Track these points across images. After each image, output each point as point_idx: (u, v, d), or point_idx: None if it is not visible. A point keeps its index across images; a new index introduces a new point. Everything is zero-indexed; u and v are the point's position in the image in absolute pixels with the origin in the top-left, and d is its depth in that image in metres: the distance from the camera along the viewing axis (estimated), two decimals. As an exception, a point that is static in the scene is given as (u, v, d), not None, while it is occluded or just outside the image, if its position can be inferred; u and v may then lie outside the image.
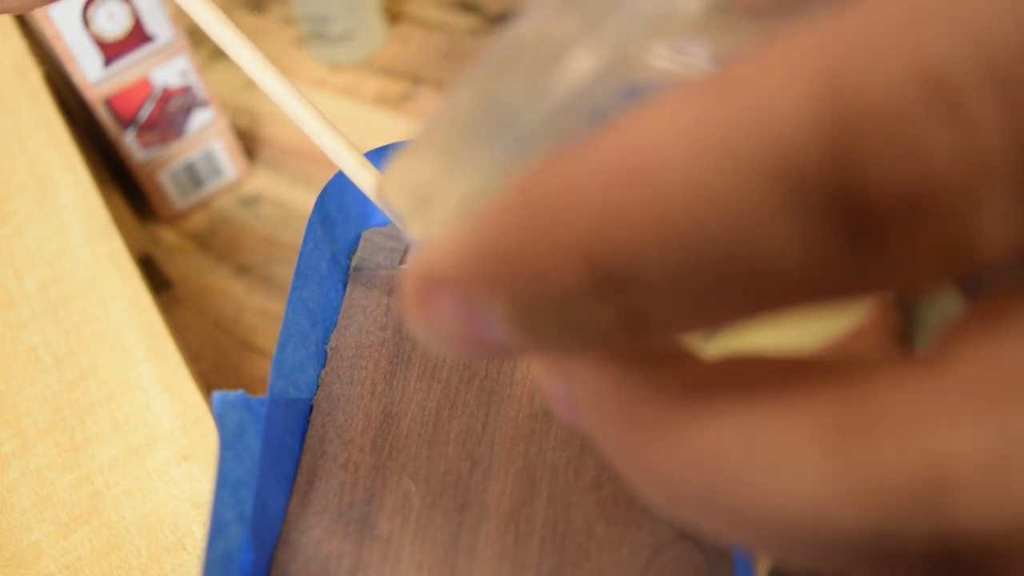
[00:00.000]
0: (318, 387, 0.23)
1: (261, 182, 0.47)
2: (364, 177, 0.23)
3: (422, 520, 0.20)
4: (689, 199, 0.07)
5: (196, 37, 0.58)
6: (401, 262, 0.26)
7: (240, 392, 0.20)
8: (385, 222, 0.27)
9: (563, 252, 0.08)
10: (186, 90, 0.42)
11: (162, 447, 0.27)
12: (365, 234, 0.27)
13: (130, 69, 0.40)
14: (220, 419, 0.19)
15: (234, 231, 0.45)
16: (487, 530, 0.19)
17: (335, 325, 0.24)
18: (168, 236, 0.45)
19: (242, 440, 0.20)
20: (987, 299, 0.08)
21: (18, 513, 0.27)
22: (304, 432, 0.22)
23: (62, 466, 0.27)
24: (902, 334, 0.16)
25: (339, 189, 0.26)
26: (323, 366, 0.23)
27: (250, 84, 0.54)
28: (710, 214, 0.07)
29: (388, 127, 0.49)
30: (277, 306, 0.40)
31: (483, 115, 0.11)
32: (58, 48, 0.38)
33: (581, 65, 0.10)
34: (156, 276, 0.42)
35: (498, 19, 0.55)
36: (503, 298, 0.09)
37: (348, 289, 0.25)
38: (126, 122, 0.42)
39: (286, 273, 0.42)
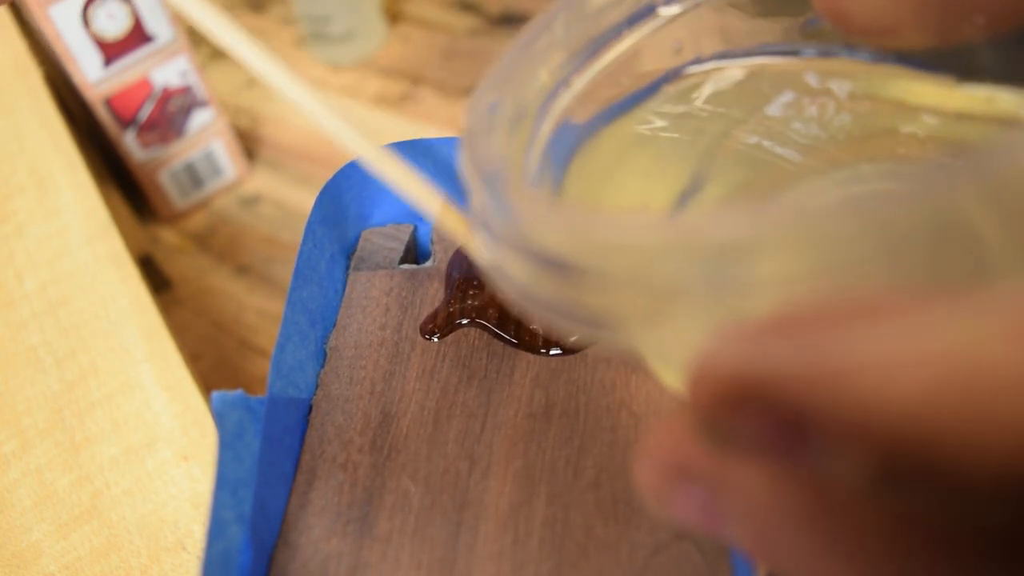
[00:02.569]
0: (317, 387, 0.23)
1: (261, 182, 0.47)
2: (385, 166, 0.22)
3: (421, 520, 0.20)
4: None
5: (196, 37, 0.58)
6: (401, 262, 0.26)
7: (239, 392, 0.20)
8: (384, 222, 0.27)
9: (1008, 444, 0.07)
10: (186, 90, 0.42)
11: (162, 447, 0.27)
12: (364, 234, 0.27)
13: (130, 69, 0.40)
14: (219, 419, 0.19)
15: (234, 231, 0.45)
16: (486, 530, 0.19)
17: (334, 325, 0.24)
18: (168, 236, 0.45)
19: (241, 440, 0.20)
20: None
21: (18, 513, 0.27)
22: (303, 432, 0.22)
23: (62, 466, 0.27)
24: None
25: (338, 189, 0.26)
26: (322, 366, 0.23)
27: (250, 84, 0.54)
28: None
29: (388, 127, 0.49)
30: (277, 306, 0.40)
31: None
32: (58, 48, 0.38)
33: None
34: (156, 276, 0.42)
35: (498, 19, 0.55)
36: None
37: (347, 289, 0.25)
38: (126, 122, 0.42)
39: (286, 273, 0.42)
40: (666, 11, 0.17)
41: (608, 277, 0.11)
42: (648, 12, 0.17)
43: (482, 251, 0.14)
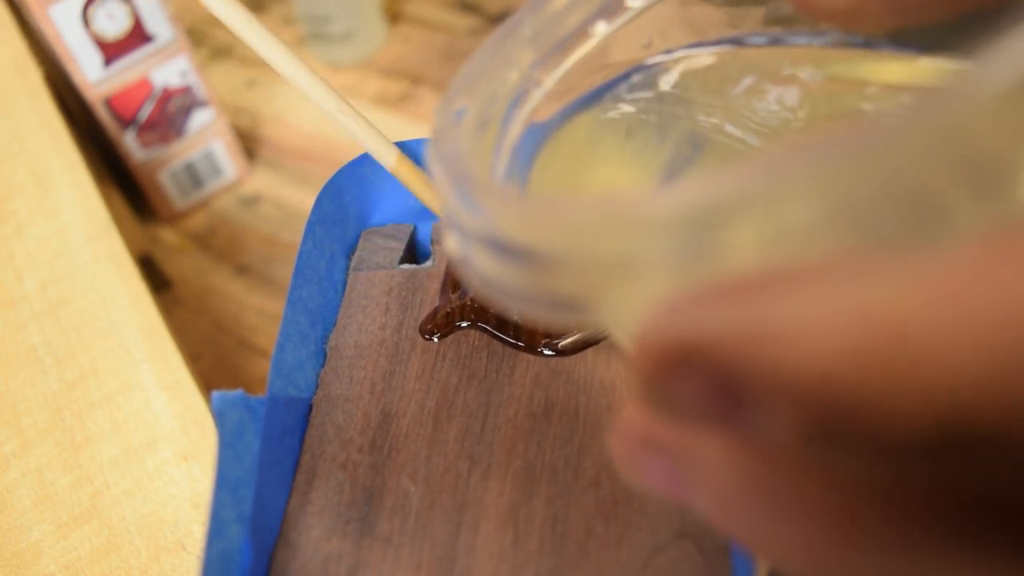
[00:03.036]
0: (317, 387, 0.23)
1: (261, 182, 0.47)
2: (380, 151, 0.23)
3: (421, 520, 0.20)
4: None
5: (196, 37, 0.58)
6: (401, 261, 0.26)
7: (239, 392, 0.20)
8: (384, 221, 0.27)
9: (920, 401, 0.07)
10: (186, 90, 0.42)
11: (162, 447, 0.27)
12: (364, 234, 0.27)
13: (130, 69, 0.40)
14: (219, 418, 0.19)
15: (234, 231, 0.45)
16: (486, 530, 0.19)
17: (334, 325, 0.24)
18: (168, 236, 0.45)
19: (241, 440, 0.20)
20: None
21: (18, 513, 0.27)
22: (303, 432, 0.22)
23: (62, 466, 0.27)
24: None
25: (338, 189, 0.26)
26: (322, 366, 0.23)
27: (250, 84, 0.54)
28: None
29: (388, 127, 0.49)
30: (277, 306, 0.40)
31: None
32: (58, 48, 0.38)
33: None
34: (156, 276, 0.42)
35: (498, 19, 0.55)
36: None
37: (347, 289, 0.25)
38: (126, 122, 0.42)
39: (286, 273, 0.42)
40: (633, 3, 0.17)
41: (561, 258, 0.11)
42: (616, 7, 0.17)
43: (452, 248, 0.14)
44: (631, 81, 0.17)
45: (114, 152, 0.43)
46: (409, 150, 0.26)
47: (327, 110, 0.23)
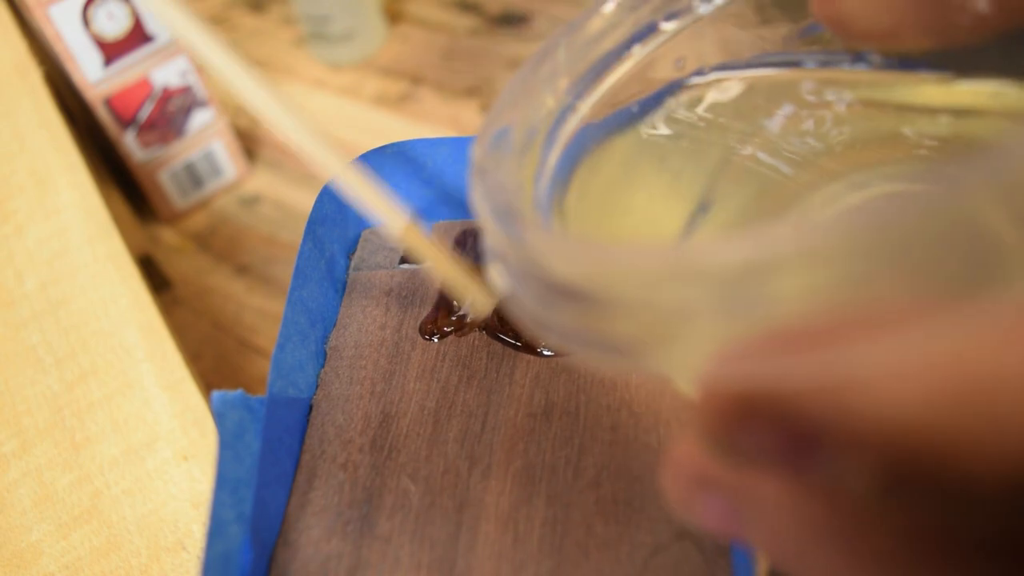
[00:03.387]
0: (317, 387, 0.23)
1: (261, 182, 0.47)
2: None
3: (421, 519, 0.20)
4: None
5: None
6: (401, 262, 0.26)
7: (239, 391, 0.20)
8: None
9: (1006, 453, 0.07)
10: (186, 90, 0.42)
11: (162, 447, 0.27)
12: (364, 234, 0.27)
13: (130, 69, 0.40)
14: (219, 418, 0.19)
15: (234, 231, 0.45)
16: (486, 529, 0.19)
17: (334, 325, 0.24)
18: (168, 236, 0.45)
19: (241, 440, 0.20)
20: None
21: (18, 513, 0.27)
22: (303, 432, 0.22)
23: (62, 466, 0.27)
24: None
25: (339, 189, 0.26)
26: (322, 366, 0.23)
27: (250, 84, 0.54)
28: None
29: (388, 127, 0.49)
30: (277, 306, 0.40)
31: None
32: (58, 48, 0.38)
33: None
34: (156, 276, 0.42)
35: (498, 19, 0.55)
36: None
37: (347, 289, 0.25)
38: (126, 122, 0.42)
39: (286, 273, 0.42)
40: (667, 27, 0.17)
41: (621, 304, 0.11)
42: (650, 30, 0.17)
43: (498, 282, 0.14)
44: (664, 106, 0.17)
45: (114, 152, 0.43)
46: (408, 150, 0.26)
47: (331, 176, 0.20)
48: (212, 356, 0.38)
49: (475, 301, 0.22)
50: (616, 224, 0.16)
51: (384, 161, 0.26)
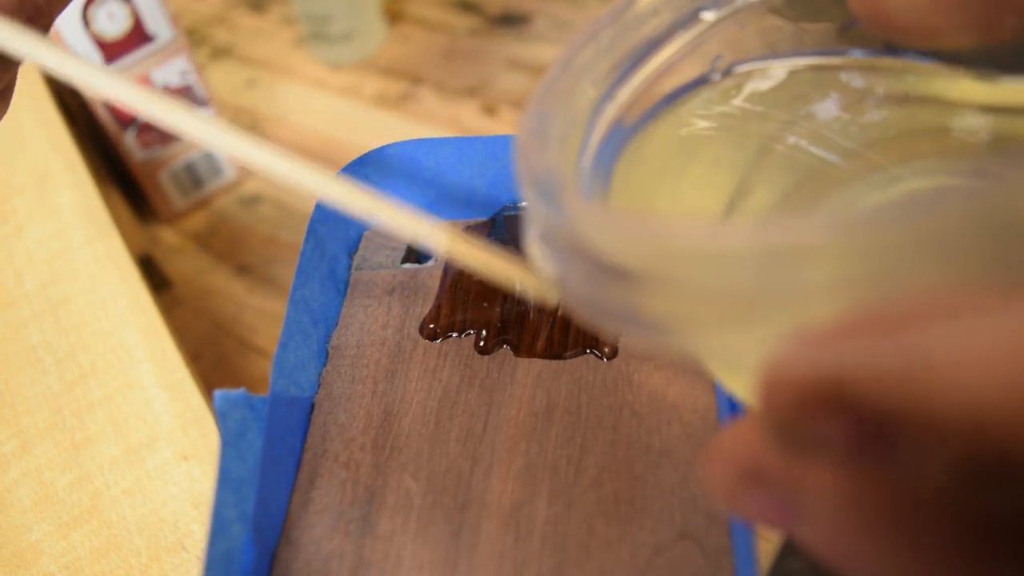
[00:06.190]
0: (319, 386, 0.23)
1: (261, 182, 0.47)
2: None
3: (423, 519, 0.20)
4: None
5: (196, 37, 0.58)
6: (403, 261, 0.26)
7: (242, 391, 0.20)
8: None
9: None
10: (186, 90, 0.42)
11: (162, 447, 0.27)
12: (366, 233, 0.27)
13: (130, 69, 0.40)
14: (222, 417, 0.19)
15: (234, 231, 0.45)
16: (488, 529, 0.19)
17: (336, 324, 0.24)
18: (168, 236, 0.45)
19: (244, 439, 0.20)
20: None
21: (18, 513, 0.27)
22: (306, 431, 0.22)
23: (62, 466, 0.27)
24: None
25: (340, 188, 0.26)
26: (324, 365, 0.23)
27: (250, 84, 0.54)
28: None
29: (388, 127, 0.49)
30: (277, 306, 0.40)
31: None
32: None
33: None
34: (156, 276, 0.42)
35: (498, 19, 0.55)
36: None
37: (349, 288, 0.25)
38: (126, 122, 0.42)
39: (286, 273, 0.42)
40: (708, 16, 0.17)
41: (673, 283, 0.11)
42: (691, 18, 0.17)
43: (542, 263, 0.14)
44: (703, 94, 0.17)
45: (114, 152, 0.43)
46: (408, 150, 0.26)
47: (362, 213, 0.20)
48: (212, 356, 0.38)
49: (528, 288, 0.21)
50: (656, 209, 0.16)
51: (384, 161, 0.26)
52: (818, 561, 0.10)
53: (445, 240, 0.20)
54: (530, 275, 0.21)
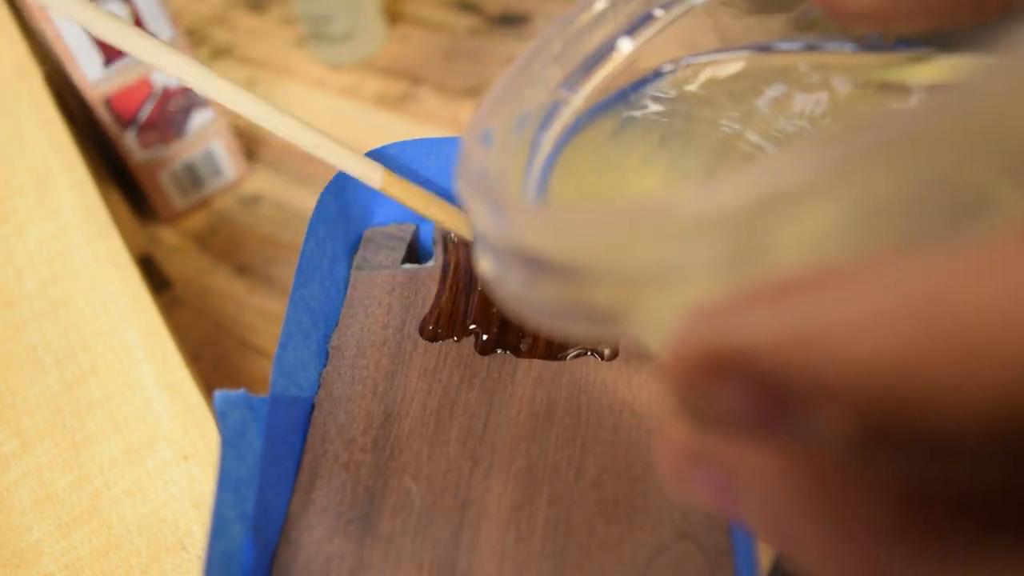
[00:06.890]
0: (320, 386, 0.23)
1: (261, 182, 0.47)
2: (366, 172, 0.23)
3: (423, 519, 0.20)
4: None
5: (196, 37, 0.58)
6: (403, 261, 0.26)
7: (242, 391, 0.20)
8: (386, 221, 0.27)
9: (983, 392, 0.07)
10: (186, 90, 0.42)
11: (162, 447, 0.27)
12: (367, 233, 0.27)
13: (130, 69, 0.40)
14: (222, 418, 0.19)
15: (234, 231, 0.45)
16: (488, 529, 0.19)
17: (336, 324, 0.24)
18: (168, 236, 0.45)
19: (244, 439, 0.20)
20: None
21: (18, 513, 0.27)
22: (306, 431, 0.22)
23: (62, 466, 0.27)
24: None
25: (341, 188, 0.26)
26: (324, 365, 0.23)
27: (250, 84, 0.54)
28: None
29: (388, 127, 0.49)
30: (277, 306, 0.40)
31: None
32: (58, 48, 0.38)
33: None
34: (156, 276, 0.42)
35: (498, 19, 0.55)
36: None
37: (350, 288, 0.25)
38: (126, 122, 0.42)
39: (286, 273, 0.42)
40: (660, 15, 0.17)
41: (592, 269, 0.11)
42: (644, 20, 0.17)
43: (484, 267, 0.14)
44: (654, 85, 0.17)
45: (114, 152, 0.43)
46: (408, 150, 0.26)
47: (303, 146, 0.22)
48: (212, 356, 0.38)
49: (460, 232, 0.24)
50: (597, 201, 0.16)
51: (384, 161, 0.26)
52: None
53: (380, 178, 0.22)
54: (464, 220, 0.22)
